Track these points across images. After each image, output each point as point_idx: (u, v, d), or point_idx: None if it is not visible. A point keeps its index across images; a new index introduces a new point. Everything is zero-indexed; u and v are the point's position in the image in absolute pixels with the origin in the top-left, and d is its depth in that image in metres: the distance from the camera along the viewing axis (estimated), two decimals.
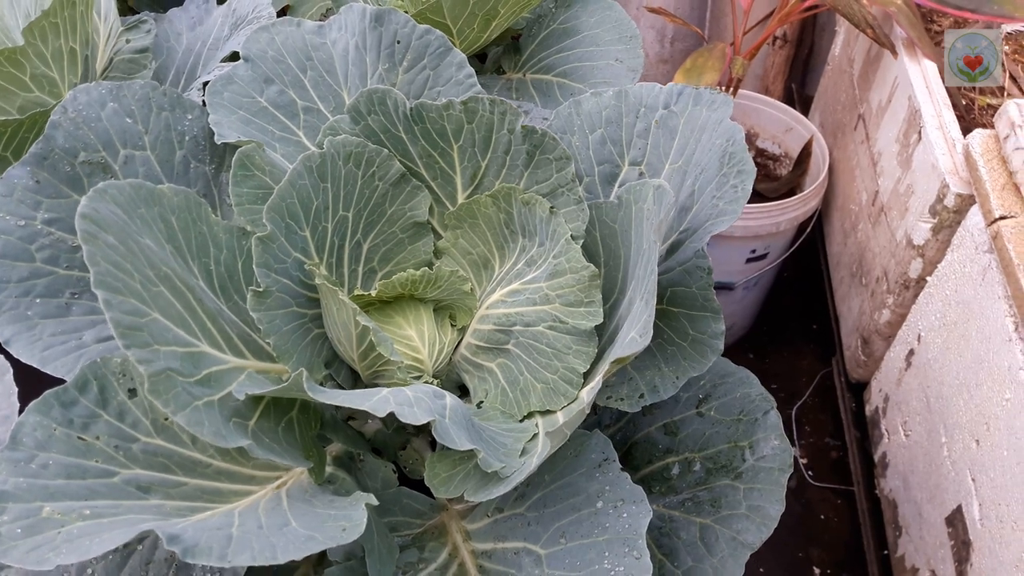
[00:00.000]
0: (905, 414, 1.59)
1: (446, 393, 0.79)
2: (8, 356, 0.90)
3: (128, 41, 1.52)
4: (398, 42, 1.04)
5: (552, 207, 0.90)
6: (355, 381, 0.97)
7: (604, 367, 0.76)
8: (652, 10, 2.12)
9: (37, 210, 0.94)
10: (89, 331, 0.93)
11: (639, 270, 0.82)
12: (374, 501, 0.70)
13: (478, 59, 1.73)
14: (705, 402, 0.92)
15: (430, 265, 1.04)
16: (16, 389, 0.90)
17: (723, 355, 0.90)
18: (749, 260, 1.99)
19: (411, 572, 0.83)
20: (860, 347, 1.82)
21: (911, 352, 1.56)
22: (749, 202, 1.89)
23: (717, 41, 2.06)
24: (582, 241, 0.89)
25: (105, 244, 0.72)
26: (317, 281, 0.87)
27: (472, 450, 0.69)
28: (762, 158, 2.29)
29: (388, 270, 1.03)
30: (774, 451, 0.87)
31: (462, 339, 0.99)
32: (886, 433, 1.70)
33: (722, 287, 2.06)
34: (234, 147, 1.05)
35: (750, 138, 2.26)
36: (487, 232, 0.99)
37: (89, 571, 0.82)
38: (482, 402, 0.93)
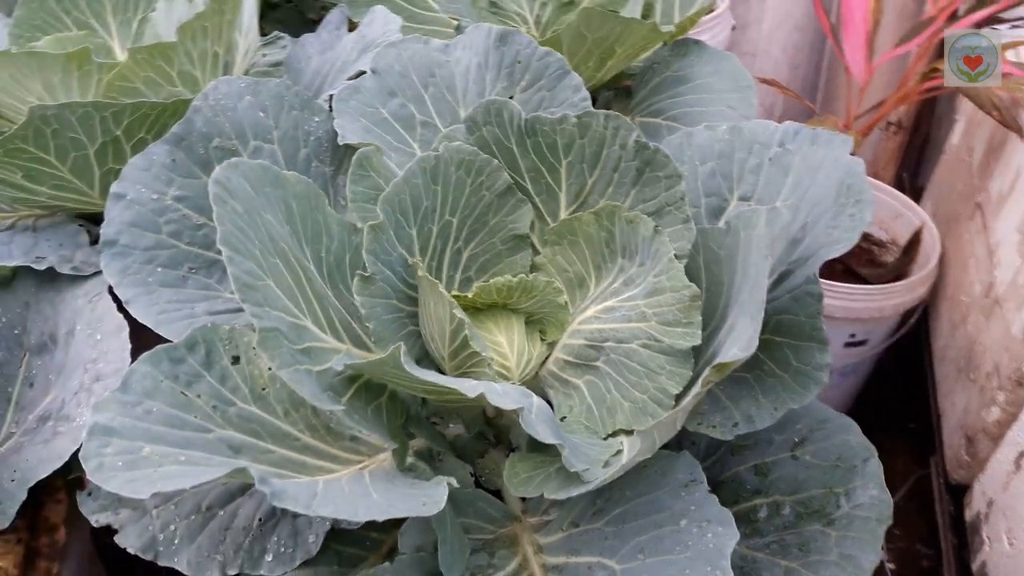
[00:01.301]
0: (1011, 521, 1.48)
1: (533, 394, 0.80)
2: (126, 315, 0.96)
3: (264, 55, 1.64)
4: (518, 62, 1.08)
5: (657, 226, 0.91)
6: None
7: (698, 387, 0.75)
8: (764, 80, 2.13)
9: (169, 186, 1.02)
10: (201, 303, 0.98)
11: (743, 296, 0.81)
12: (455, 483, 0.70)
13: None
14: (801, 446, 0.89)
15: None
16: (130, 345, 0.96)
17: None
18: (847, 345, 1.93)
19: (480, 574, 0.82)
20: (964, 446, 1.71)
21: (1021, 454, 1.47)
22: (851, 283, 1.85)
23: (828, 115, 2.04)
24: (685, 261, 0.89)
25: (232, 209, 0.77)
26: (419, 274, 0.90)
27: (552, 449, 0.69)
28: (867, 243, 2.23)
29: (484, 280, 1.05)
30: (872, 500, 0.83)
31: (550, 354, 1.00)
32: (988, 541, 1.59)
33: None
34: (353, 151, 1.11)
35: None
36: (586, 250, 1.00)
37: (172, 527, 0.85)
38: (566, 417, 0.92)
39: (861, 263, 2.13)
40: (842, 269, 2.08)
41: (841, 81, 2.58)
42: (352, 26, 1.71)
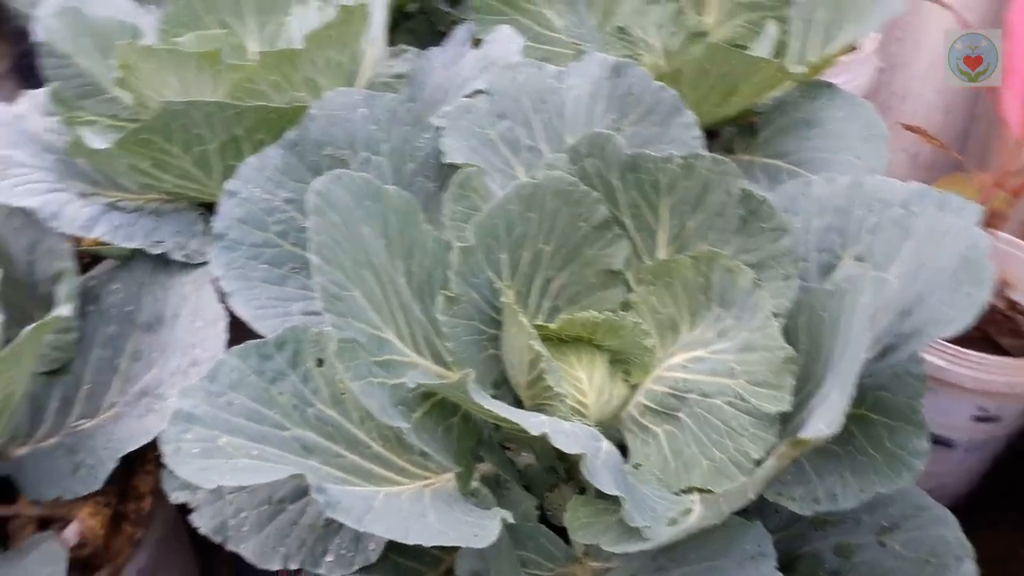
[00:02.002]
0: None
1: (604, 439, 0.80)
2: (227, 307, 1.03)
3: (390, 66, 1.71)
4: (630, 95, 1.09)
5: (757, 279, 0.89)
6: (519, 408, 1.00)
7: (772, 461, 0.73)
8: (910, 128, 2.03)
9: (280, 188, 1.09)
10: (297, 303, 1.04)
11: (843, 365, 0.78)
12: (510, 518, 0.72)
13: (709, 136, 1.76)
14: (890, 532, 0.85)
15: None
16: (226, 336, 1.03)
17: None
18: (977, 419, 1.80)
19: None
20: None
21: None
22: (987, 352, 1.74)
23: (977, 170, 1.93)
24: (784, 321, 0.87)
25: (329, 221, 0.82)
26: (503, 299, 0.92)
27: (617, 498, 0.69)
28: (1012, 311, 2.08)
29: (572, 312, 1.06)
30: None
31: (632, 397, 0.99)
32: None
33: (939, 441, 1.88)
34: (456, 169, 1.15)
35: (1001, 286, 2.07)
36: (681, 294, 1.00)
37: (243, 514, 0.90)
38: (640, 465, 0.92)
39: (1003, 332, 1.99)
40: (979, 336, 1.96)
41: (997, 133, 2.44)
42: (477, 42, 1.77)
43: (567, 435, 0.73)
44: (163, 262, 1.19)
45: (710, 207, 0.95)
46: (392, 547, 0.91)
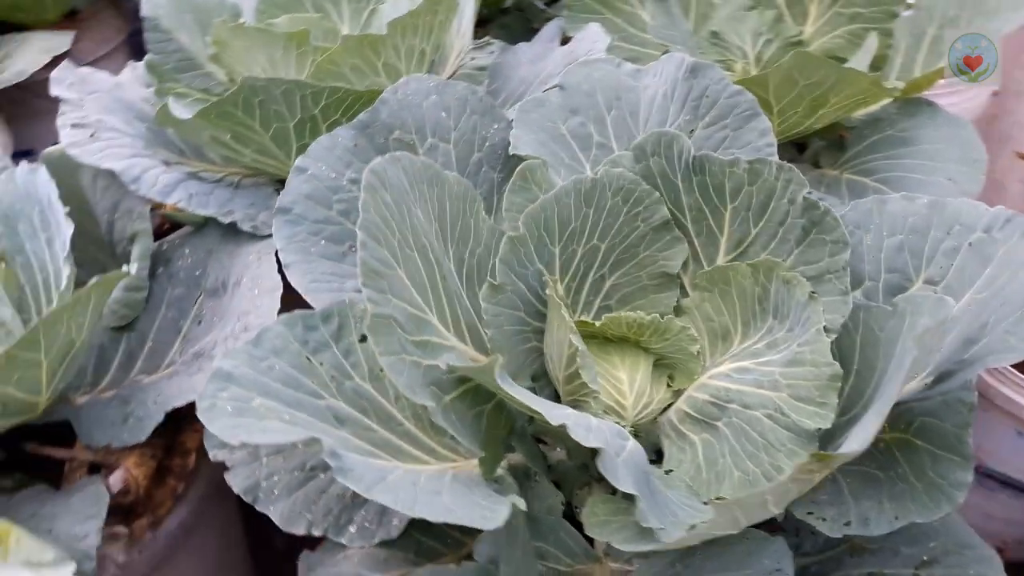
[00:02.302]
0: None
1: (632, 439, 0.80)
2: (285, 279, 1.08)
3: (473, 59, 1.75)
4: (706, 96, 1.08)
5: (813, 292, 0.87)
6: (555, 402, 1.00)
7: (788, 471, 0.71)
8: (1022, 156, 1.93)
9: (347, 168, 1.12)
10: (352, 281, 1.07)
11: (891, 387, 0.76)
12: (522, 505, 0.73)
13: (796, 148, 1.72)
14: (928, 566, 0.81)
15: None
16: (279, 305, 1.08)
17: None
18: None
19: None
20: None
21: None
22: None
23: None
24: (835, 336, 0.85)
25: (381, 200, 0.84)
26: (547, 291, 0.92)
27: (633, 496, 0.69)
28: None
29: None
30: None
31: (674, 402, 0.98)
32: None
33: (1006, 481, 1.78)
34: (522, 161, 1.16)
35: None
36: (737, 303, 0.98)
37: (275, 477, 0.94)
38: (672, 471, 0.91)
39: None
40: None
41: None
42: (566, 40, 1.78)
43: (587, 428, 0.73)
44: (232, 231, 1.25)
45: (774, 215, 0.93)
46: (415, 525, 0.93)
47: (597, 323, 0.97)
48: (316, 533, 0.92)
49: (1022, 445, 1.74)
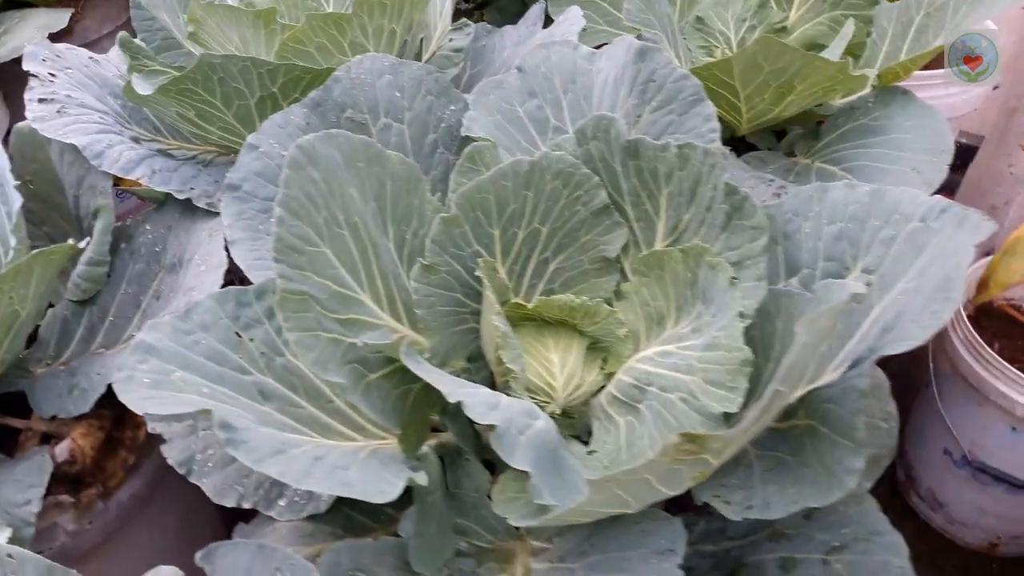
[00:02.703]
0: None
1: (543, 419, 0.81)
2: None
3: (451, 40, 1.75)
4: (652, 81, 1.08)
5: (734, 277, 0.88)
6: (490, 384, 1.02)
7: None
8: None
9: None
10: None
11: (779, 372, 0.76)
12: (422, 481, 0.74)
13: (775, 136, 1.71)
14: (838, 552, 0.82)
15: (608, 304, 1.06)
16: (222, 281, 1.10)
17: None
18: None
19: None
20: None
21: None
22: None
23: None
24: (749, 321, 0.85)
25: (307, 176, 0.86)
26: (477, 272, 0.94)
27: (526, 473, 0.71)
28: None
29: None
30: None
31: (605, 385, 1.00)
32: None
33: (999, 476, 1.77)
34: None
35: None
36: (671, 288, 0.99)
37: (210, 451, 0.97)
38: (595, 452, 0.92)
39: None
40: None
41: None
42: (549, 23, 1.78)
43: (489, 406, 0.74)
44: (190, 208, 1.27)
45: (701, 201, 0.94)
46: (345, 502, 0.95)
47: (529, 306, 0.99)
48: (246, 506, 0.94)
49: (1016, 440, 1.74)
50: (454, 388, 0.75)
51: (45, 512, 1.06)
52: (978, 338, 1.66)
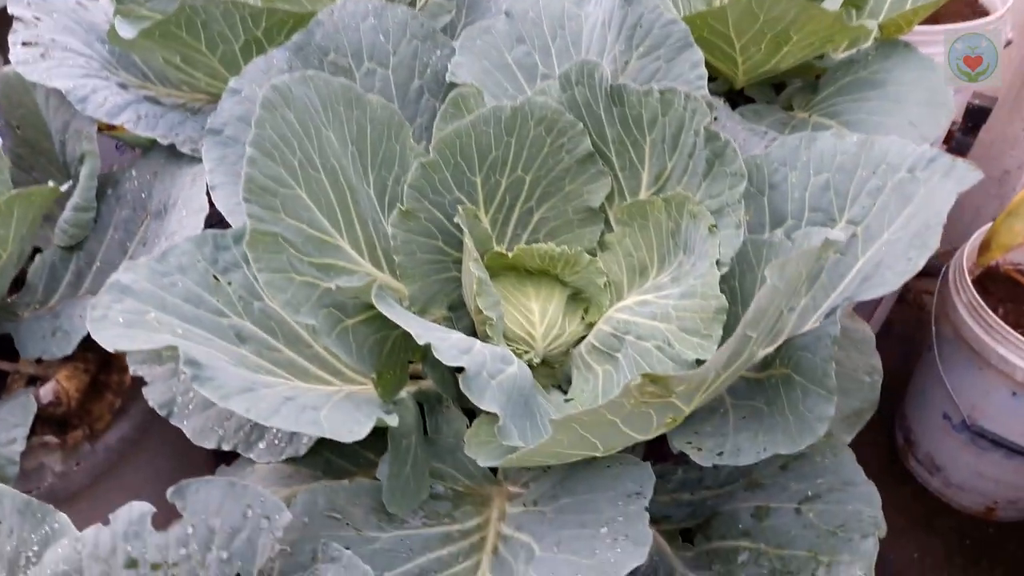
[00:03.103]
0: None
1: (517, 364, 0.81)
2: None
3: None
4: (640, 26, 1.06)
5: (714, 225, 0.87)
6: (471, 333, 1.02)
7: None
8: None
9: None
10: None
11: (748, 316, 0.76)
12: (393, 423, 0.75)
13: (774, 89, 1.68)
14: (811, 501, 0.82)
15: (593, 255, 1.05)
16: (203, 226, 1.10)
17: None
18: None
19: (435, 522, 0.86)
20: None
21: None
22: None
23: None
24: (726, 269, 0.85)
25: (281, 117, 0.85)
26: (456, 219, 0.93)
27: (495, 414, 0.71)
28: None
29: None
30: None
31: (586, 335, 0.99)
32: None
33: (998, 441, 1.77)
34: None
35: None
36: (653, 238, 0.98)
37: (191, 393, 0.97)
38: (571, 400, 0.93)
39: None
40: None
41: None
42: None
43: (460, 350, 0.74)
44: (176, 154, 1.26)
45: (684, 147, 0.92)
46: (326, 445, 0.96)
47: (509, 254, 0.98)
48: (226, 447, 0.95)
49: (1016, 406, 1.73)
50: (424, 331, 0.74)
51: (31, 452, 1.08)
52: (981, 302, 1.65)
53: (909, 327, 2.50)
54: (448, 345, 0.74)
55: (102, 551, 0.73)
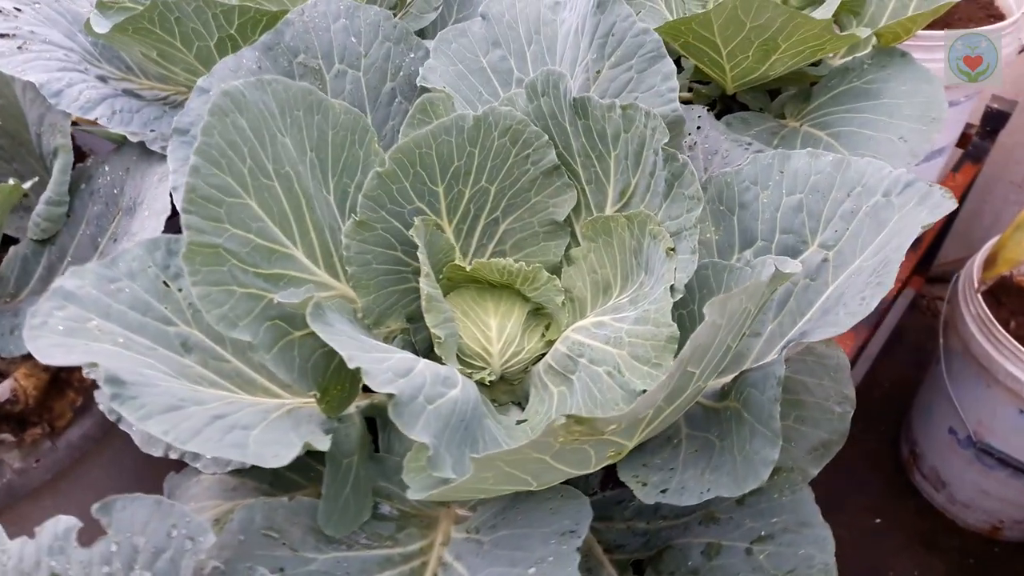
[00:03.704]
0: None
1: (462, 384, 0.78)
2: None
3: None
4: (612, 35, 1.02)
5: (671, 248, 0.84)
6: (428, 346, 0.99)
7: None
8: None
9: None
10: None
11: (685, 353, 0.72)
12: (324, 447, 0.72)
13: (769, 96, 1.64)
14: (763, 541, 0.79)
15: (558, 269, 1.02)
16: (163, 228, 1.08)
17: None
18: None
19: (377, 544, 0.84)
20: None
21: None
22: None
23: None
24: (680, 296, 0.81)
25: (232, 124, 0.82)
26: (410, 232, 0.90)
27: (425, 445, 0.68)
28: None
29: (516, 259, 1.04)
30: None
31: (546, 353, 0.97)
32: None
33: (1005, 460, 1.72)
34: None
35: None
36: (617, 255, 0.95)
37: None
38: (525, 422, 0.90)
39: None
40: None
41: None
42: None
43: (395, 373, 0.71)
44: (147, 151, 1.24)
45: (646, 166, 0.89)
46: None
47: (468, 268, 0.95)
48: (173, 456, 0.93)
49: None
50: (356, 352, 0.72)
51: None
52: (990, 315, 1.60)
53: (921, 335, 2.43)
54: (382, 368, 0.72)
55: (26, 565, 0.72)
